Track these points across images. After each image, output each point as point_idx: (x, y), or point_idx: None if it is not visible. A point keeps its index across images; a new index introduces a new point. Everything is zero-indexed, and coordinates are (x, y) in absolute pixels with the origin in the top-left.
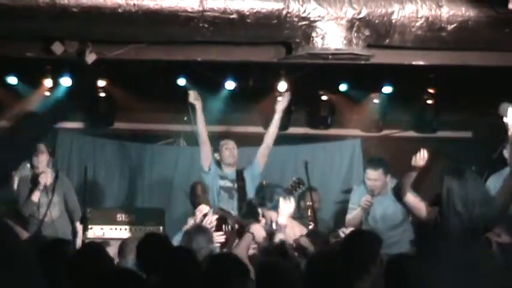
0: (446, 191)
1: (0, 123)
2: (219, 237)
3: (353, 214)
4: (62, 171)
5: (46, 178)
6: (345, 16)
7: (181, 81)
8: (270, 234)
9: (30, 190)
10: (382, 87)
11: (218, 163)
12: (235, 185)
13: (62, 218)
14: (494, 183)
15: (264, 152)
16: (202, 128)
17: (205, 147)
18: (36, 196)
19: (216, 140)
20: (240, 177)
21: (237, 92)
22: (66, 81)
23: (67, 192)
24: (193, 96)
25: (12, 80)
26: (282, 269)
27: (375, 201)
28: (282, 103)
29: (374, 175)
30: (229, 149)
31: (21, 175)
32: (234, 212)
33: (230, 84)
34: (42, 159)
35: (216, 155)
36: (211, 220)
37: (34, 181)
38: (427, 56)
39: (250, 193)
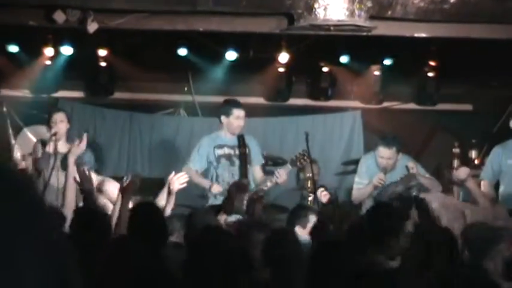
0: None
1: (3, 92)
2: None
3: (362, 190)
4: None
5: (63, 144)
6: None
7: (182, 51)
8: None
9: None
10: (383, 59)
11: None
12: (236, 151)
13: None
14: (499, 154)
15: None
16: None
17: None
18: (51, 147)
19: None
20: (242, 143)
21: (237, 63)
22: (67, 50)
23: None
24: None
25: (13, 48)
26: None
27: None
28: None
29: (387, 153)
30: (240, 118)
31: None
32: (236, 178)
33: (231, 55)
34: (62, 127)
35: (223, 117)
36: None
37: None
38: (429, 29)
39: (256, 159)
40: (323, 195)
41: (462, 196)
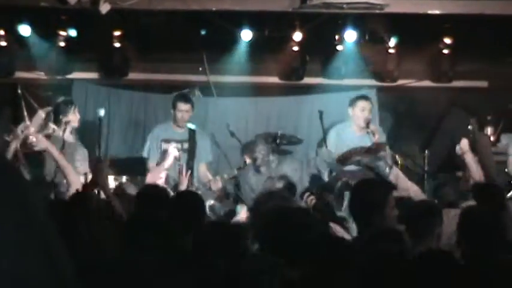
0: None
1: (17, 74)
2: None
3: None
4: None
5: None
6: None
7: (196, 32)
8: None
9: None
10: (397, 37)
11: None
12: (185, 145)
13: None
14: None
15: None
16: None
17: None
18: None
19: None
20: (191, 138)
21: (251, 42)
22: (80, 32)
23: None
24: None
25: (27, 30)
26: None
27: (356, 138)
28: None
29: (368, 105)
30: (183, 112)
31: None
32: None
33: (245, 35)
34: (74, 119)
35: (172, 109)
36: None
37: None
38: (443, 5)
39: (203, 157)
40: (309, 200)
41: None
